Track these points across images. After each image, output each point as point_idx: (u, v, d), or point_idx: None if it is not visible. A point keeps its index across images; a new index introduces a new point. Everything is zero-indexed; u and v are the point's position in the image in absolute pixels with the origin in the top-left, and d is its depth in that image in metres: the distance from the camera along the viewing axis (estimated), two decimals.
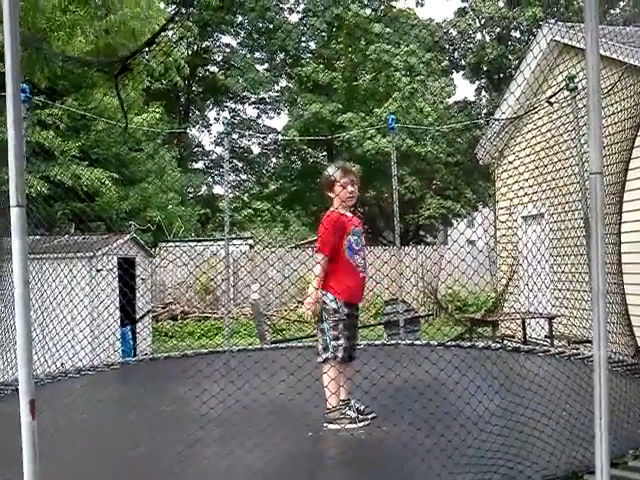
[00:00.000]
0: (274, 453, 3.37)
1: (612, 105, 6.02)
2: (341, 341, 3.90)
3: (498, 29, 28.43)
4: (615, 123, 5.96)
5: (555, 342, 8.44)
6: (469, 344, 7.07)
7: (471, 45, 29.38)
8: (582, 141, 6.59)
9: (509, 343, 8.33)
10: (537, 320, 9.04)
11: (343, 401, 3.92)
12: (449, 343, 7.24)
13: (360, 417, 3.85)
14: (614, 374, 4.52)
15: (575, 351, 6.32)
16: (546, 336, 8.87)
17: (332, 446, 3.66)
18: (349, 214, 4.19)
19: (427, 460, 3.00)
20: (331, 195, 4.16)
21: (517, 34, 28.44)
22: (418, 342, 7.52)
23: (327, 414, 3.88)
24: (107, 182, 13.76)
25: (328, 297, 3.95)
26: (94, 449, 3.54)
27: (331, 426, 3.84)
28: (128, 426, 4.10)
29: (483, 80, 29.56)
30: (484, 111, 28.08)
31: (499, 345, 7.07)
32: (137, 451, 3.52)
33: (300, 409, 4.12)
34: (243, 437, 3.67)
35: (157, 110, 17.53)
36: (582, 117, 6.61)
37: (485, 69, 28.59)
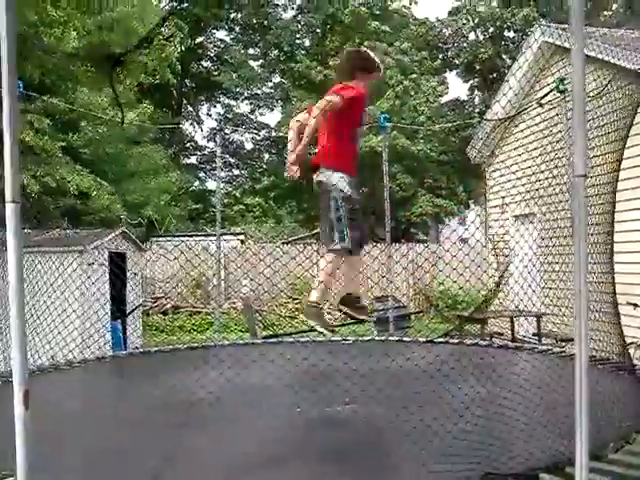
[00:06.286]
0: (262, 440, 3.41)
1: (603, 107, 6.08)
2: (356, 231, 3.68)
3: (492, 29, 28.51)
4: (606, 124, 6.02)
5: (543, 340, 8.53)
6: (457, 341, 7.14)
7: (465, 44, 29.46)
8: (571, 142, 6.65)
9: (497, 340, 8.42)
10: (526, 318, 9.13)
11: (320, 303, 3.68)
12: (437, 339, 7.30)
13: (333, 327, 3.76)
14: (599, 371, 4.60)
15: (561, 349, 6.40)
16: (534, 334, 8.96)
17: (320, 431, 3.69)
18: None
19: (412, 449, 3.06)
20: (359, 77, 3.74)
21: (511, 34, 28.54)
22: (407, 338, 7.59)
23: (309, 306, 3.64)
24: (95, 188, 13.75)
25: (344, 178, 3.68)
26: (85, 439, 3.57)
27: (306, 319, 3.70)
28: (119, 417, 4.13)
29: (476, 79, 29.64)
30: (477, 110, 28.17)
31: (487, 342, 7.15)
32: (130, 440, 3.55)
33: (288, 399, 4.16)
34: (233, 425, 3.71)
35: (149, 106, 17.53)
36: (571, 119, 6.66)
37: (478, 68, 28.67)
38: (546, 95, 7.20)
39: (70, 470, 3.01)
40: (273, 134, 28.65)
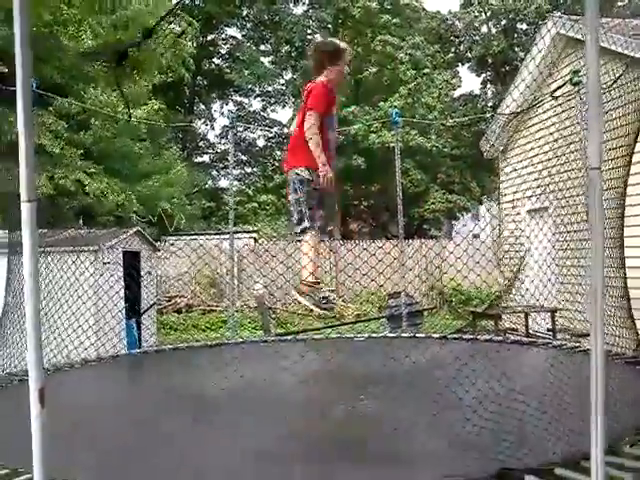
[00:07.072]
0: (275, 436, 3.42)
1: (617, 98, 6.03)
2: (317, 210, 3.87)
3: (504, 21, 28.32)
4: (620, 117, 5.97)
5: (558, 335, 8.48)
6: (470, 337, 7.11)
7: (477, 37, 29.29)
8: (586, 135, 6.60)
9: (511, 336, 8.37)
10: (540, 313, 9.08)
11: (316, 282, 3.94)
12: (450, 336, 7.28)
13: (324, 304, 3.90)
14: (614, 365, 4.56)
15: (576, 344, 6.35)
16: (548, 329, 8.91)
17: (334, 427, 3.69)
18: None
19: (426, 443, 3.05)
20: (329, 67, 4.00)
21: (523, 26, 28.34)
22: (420, 334, 7.57)
23: (302, 284, 3.89)
24: (109, 191, 13.84)
25: (301, 169, 3.88)
26: (100, 437, 3.60)
27: (299, 298, 3.90)
28: (134, 415, 4.16)
29: (489, 73, 29.47)
30: (490, 104, 28.01)
31: (500, 338, 7.11)
32: (142, 437, 3.57)
33: (302, 396, 4.17)
34: (248, 421, 3.72)
35: (158, 103, 17.58)
36: (586, 111, 6.61)
37: (491, 62, 28.50)
38: (560, 88, 7.14)
39: (85, 467, 3.03)
40: (285, 131, 28.66)
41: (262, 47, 30.06)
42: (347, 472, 2.90)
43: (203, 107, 31.70)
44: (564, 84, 7.06)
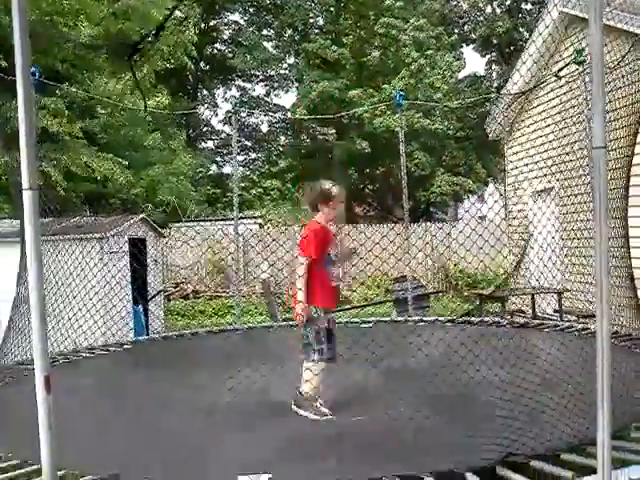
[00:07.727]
0: (283, 430, 3.44)
1: (622, 77, 5.96)
2: (324, 345, 4.09)
3: (508, 1, 28.00)
4: (625, 96, 5.91)
5: (564, 316, 8.47)
6: (478, 320, 7.11)
7: (481, 18, 28.98)
8: (590, 115, 6.54)
9: (518, 318, 8.37)
10: (546, 295, 9.05)
11: (314, 397, 4.08)
12: (457, 319, 7.27)
13: (325, 413, 3.99)
14: (621, 349, 4.55)
15: (583, 325, 6.35)
16: (555, 311, 8.89)
17: (339, 415, 3.71)
18: (328, 227, 4.43)
19: (435, 430, 3.06)
20: (322, 208, 4.36)
21: (528, 6, 28.02)
22: (427, 318, 7.57)
23: (299, 397, 4.05)
24: (117, 170, 13.84)
25: (316, 312, 4.13)
26: (108, 426, 3.62)
27: (298, 410, 4.01)
28: (141, 403, 4.18)
29: (493, 53, 29.20)
30: (494, 85, 27.76)
31: (508, 320, 7.11)
32: (150, 428, 3.59)
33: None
34: (254, 415, 3.73)
35: (166, 96, 17.54)
36: (590, 90, 6.54)
37: (495, 42, 28.21)
38: (564, 67, 7.06)
39: (91, 458, 3.06)
40: (289, 115, 28.51)
41: (264, 32, 29.82)
42: (353, 460, 2.91)
43: (206, 93, 31.56)
44: (568, 63, 6.98)
